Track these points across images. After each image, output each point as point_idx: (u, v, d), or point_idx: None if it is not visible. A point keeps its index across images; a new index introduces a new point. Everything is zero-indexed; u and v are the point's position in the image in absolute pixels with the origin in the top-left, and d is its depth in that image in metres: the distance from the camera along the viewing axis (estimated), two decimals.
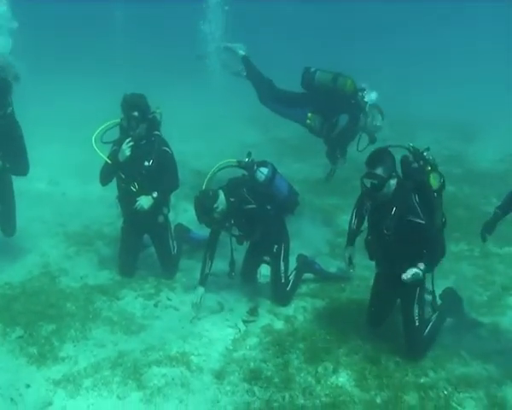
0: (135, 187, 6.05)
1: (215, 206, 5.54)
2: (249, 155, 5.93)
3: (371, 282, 5.57)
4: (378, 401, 4.63)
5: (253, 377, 4.85)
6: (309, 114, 7.68)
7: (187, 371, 4.92)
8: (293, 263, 6.32)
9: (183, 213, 8.15)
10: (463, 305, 5.70)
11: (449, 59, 19.42)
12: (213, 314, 5.82)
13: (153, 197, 5.98)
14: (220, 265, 6.64)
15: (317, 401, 4.60)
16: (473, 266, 6.97)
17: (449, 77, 16.93)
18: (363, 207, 5.22)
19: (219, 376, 4.87)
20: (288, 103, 7.91)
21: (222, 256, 6.64)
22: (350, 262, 5.39)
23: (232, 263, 5.98)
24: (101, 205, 8.03)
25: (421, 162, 4.99)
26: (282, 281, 6.02)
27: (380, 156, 4.86)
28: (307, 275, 6.45)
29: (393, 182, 4.85)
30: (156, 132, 6.07)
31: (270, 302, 6.02)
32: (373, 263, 5.34)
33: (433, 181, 4.97)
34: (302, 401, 4.60)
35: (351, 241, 5.41)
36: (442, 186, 5.08)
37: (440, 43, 21.11)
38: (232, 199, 5.70)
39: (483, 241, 5.47)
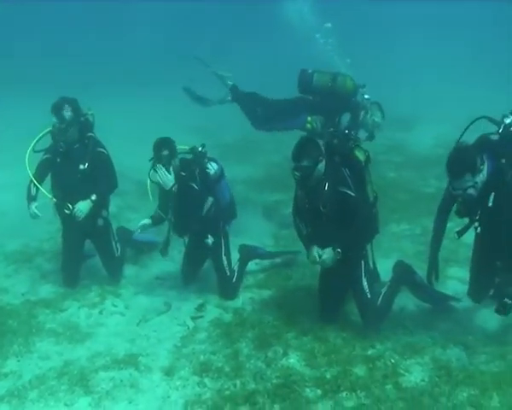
0: (68, 209, 5.91)
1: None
2: (203, 145, 5.91)
3: (316, 268, 5.62)
4: (328, 376, 4.67)
5: (204, 369, 4.82)
6: (308, 118, 7.50)
7: (135, 371, 4.84)
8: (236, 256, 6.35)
9: (126, 223, 8.03)
10: (416, 273, 5.62)
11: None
12: (161, 315, 5.75)
13: (91, 200, 5.87)
14: (165, 267, 6.63)
15: (269, 384, 4.60)
16: (414, 243, 7.17)
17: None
18: (299, 202, 5.29)
19: (169, 372, 4.81)
20: (282, 116, 7.72)
21: (167, 259, 6.63)
22: (320, 258, 5.19)
23: (166, 242, 5.96)
24: (40, 221, 7.81)
25: (342, 137, 5.15)
26: (227, 274, 6.02)
27: (303, 148, 4.99)
28: (254, 265, 6.49)
29: (321, 165, 4.96)
30: (90, 134, 5.97)
31: (219, 297, 6.01)
32: None
33: (359, 154, 5.12)
34: (253, 386, 4.59)
35: (309, 243, 5.30)
36: (367, 159, 5.23)
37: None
38: (183, 173, 5.69)
39: (431, 284, 5.25)
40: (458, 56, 18.13)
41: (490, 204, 4.58)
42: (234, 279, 6.09)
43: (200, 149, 5.85)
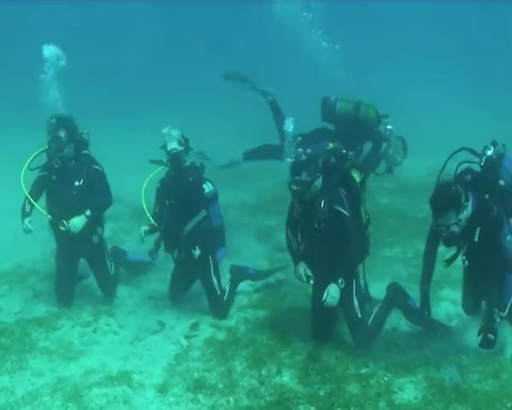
0: (64, 225, 5.94)
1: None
2: (202, 163, 6.06)
3: (310, 289, 5.67)
4: (321, 393, 4.69)
5: (197, 386, 4.82)
6: (330, 145, 7.51)
7: (129, 389, 4.83)
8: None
9: (120, 244, 8.07)
10: (409, 297, 5.65)
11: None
12: (154, 334, 5.75)
13: (86, 216, 5.91)
14: (159, 287, 6.64)
15: (262, 401, 4.61)
16: (407, 266, 7.21)
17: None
18: (294, 217, 5.36)
19: (162, 389, 4.81)
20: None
21: (160, 279, 6.67)
22: (307, 276, 5.27)
23: (157, 244, 6.00)
24: (33, 243, 7.85)
25: (339, 156, 5.25)
26: (218, 293, 6.05)
27: (302, 163, 5.13)
28: (248, 286, 6.51)
29: (318, 181, 5.06)
30: (85, 152, 6.04)
31: (212, 317, 6.02)
32: None
33: (355, 175, 5.23)
34: (247, 403, 4.60)
35: (297, 259, 5.39)
36: (363, 181, 5.33)
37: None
38: (190, 179, 5.77)
39: (425, 328, 5.42)
40: (455, 80, 18.14)
41: (476, 239, 4.64)
42: (225, 298, 6.11)
43: (198, 164, 5.98)
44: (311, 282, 5.31)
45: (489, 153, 4.76)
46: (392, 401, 4.56)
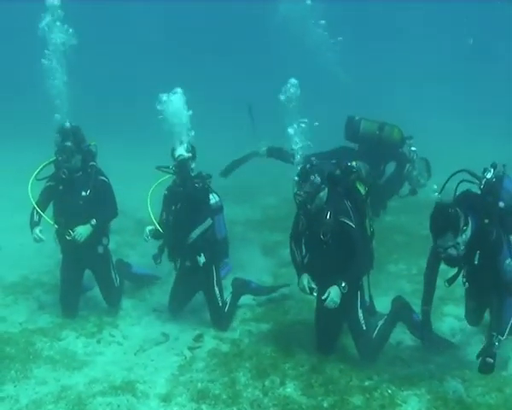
0: (70, 235, 5.98)
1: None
2: (209, 175, 6.16)
3: (314, 303, 5.70)
4: (325, 405, 4.70)
5: (201, 396, 4.84)
6: (353, 163, 7.26)
7: (133, 398, 4.84)
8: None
9: (124, 258, 8.10)
10: (413, 312, 5.65)
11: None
12: (158, 345, 5.77)
13: (91, 225, 5.95)
14: (163, 300, 6.65)
15: None
16: (411, 282, 7.23)
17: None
18: (299, 228, 5.40)
19: (166, 399, 4.82)
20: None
21: (164, 292, 6.69)
22: (310, 288, 5.26)
23: (161, 249, 6.06)
24: (39, 256, 7.93)
25: (344, 169, 5.30)
26: (220, 305, 6.08)
27: (307, 173, 5.16)
28: (251, 299, 6.53)
29: (323, 193, 5.11)
30: (92, 163, 6.11)
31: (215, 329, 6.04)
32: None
33: (360, 187, 5.27)
34: None
35: (301, 271, 5.41)
36: (368, 193, 5.38)
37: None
38: (197, 185, 5.88)
39: (426, 346, 5.21)
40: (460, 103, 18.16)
41: (476, 262, 4.64)
42: (226, 309, 6.13)
43: (205, 174, 6.08)
44: (315, 294, 5.31)
45: (488, 176, 4.78)
46: None
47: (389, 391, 4.83)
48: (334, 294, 5.01)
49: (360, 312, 5.33)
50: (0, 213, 9.58)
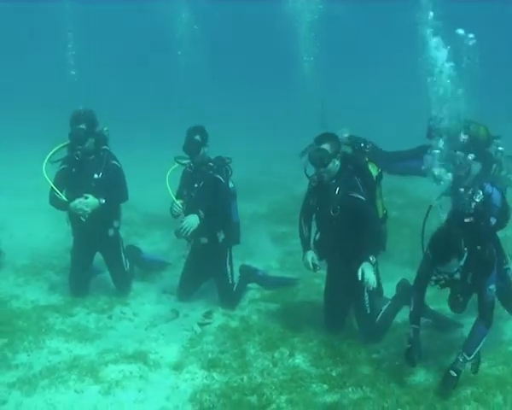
0: (84, 217, 6.08)
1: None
2: (230, 159, 6.28)
3: (322, 287, 5.79)
4: (334, 374, 4.79)
5: (212, 365, 4.93)
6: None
7: (144, 366, 4.93)
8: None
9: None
10: None
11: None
12: (169, 322, 5.85)
13: (100, 202, 6.01)
14: (174, 282, 6.73)
15: (275, 380, 4.70)
16: (416, 270, 7.28)
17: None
18: (309, 206, 5.49)
19: (177, 367, 4.91)
20: (404, 158, 7.47)
21: (174, 276, 6.77)
22: (314, 265, 5.35)
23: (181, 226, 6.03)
24: (48, 242, 8.08)
25: (358, 149, 5.38)
26: (230, 282, 6.19)
27: (328, 135, 5.25)
28: (254, 284, 6.65)
29: (338, 162, 5.20)
30: (105, 147, 6.22)
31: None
32: (323, 271, 5.59)
33: (372, 169, 5.36)
34: (260, 380, 4.69)
35: (307, 247, 5.49)
36: (380, 175, 5.46)
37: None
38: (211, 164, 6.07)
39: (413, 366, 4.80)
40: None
41: (469, 281, 4.68)
42: (234, 289, 6.23)
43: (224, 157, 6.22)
44: (318, 270, 5.39)
45: (478, 199, 4.78)
46: (404, 382, 4.65)
47: (397, 363, 4.89)
48: (367, 271, 4.98)
49: (366, 295, 5.38)
50: (9, 201, 9.68)
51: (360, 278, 4.95)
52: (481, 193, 4.79)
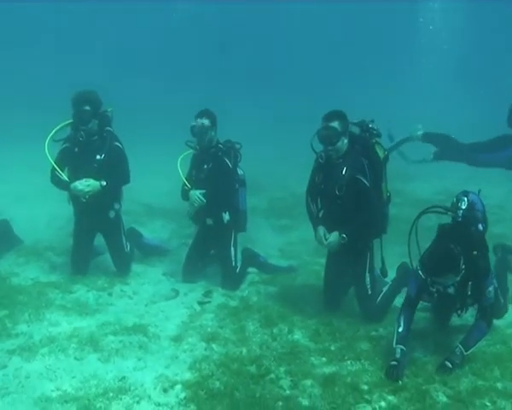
0: (85, 198, 6.11)
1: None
2: (240, 145, 6.35)
3: (322, 273, 5.84)
4: (332, 348, 4.81)
5: (211, 338, 4.96)
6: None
7: (144, 337, 4.95)
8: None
9: None
10: None
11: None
12: (168, 300, 5.88)
13: (101, 184, 6.03)
14: (173, 266, 6.76)
15: (274, 352, 4.73)
16: (414, 261, 7.30)
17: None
18: (314, 183, 5.51)
19: (177, 339, 4.94)
20: (487, 150, 7.22)
21: (174, 261, 6.80)
22: (326, 238, 5.32)
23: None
24: (49, 228, 8.11)
25: (366, 130, 5.42)
26: (233, 264, 6.23)
27: (337, 112, 5.28)
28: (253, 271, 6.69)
29: (346, 141, 5.25)
30: (108, 128, 6.23)
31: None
32: (322, 259, 5.70)
33: (379, 151, 5.39)
34: (259, 352, 4.71)
35: (318, 223, 5.49)
36: (386, 158, 5.50)
37: None
38: (221, 145, 6.18)
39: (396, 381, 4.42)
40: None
41: (469, 292, 4.68)
42: (237, 270, 6.27)
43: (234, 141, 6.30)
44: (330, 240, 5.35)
45: (464, 206, 4.81)
46: None
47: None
48: (331, 238, 5.21)
49: (368, 276, 5.44)
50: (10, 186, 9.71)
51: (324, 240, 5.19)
52: (466, 200, 4.83)
